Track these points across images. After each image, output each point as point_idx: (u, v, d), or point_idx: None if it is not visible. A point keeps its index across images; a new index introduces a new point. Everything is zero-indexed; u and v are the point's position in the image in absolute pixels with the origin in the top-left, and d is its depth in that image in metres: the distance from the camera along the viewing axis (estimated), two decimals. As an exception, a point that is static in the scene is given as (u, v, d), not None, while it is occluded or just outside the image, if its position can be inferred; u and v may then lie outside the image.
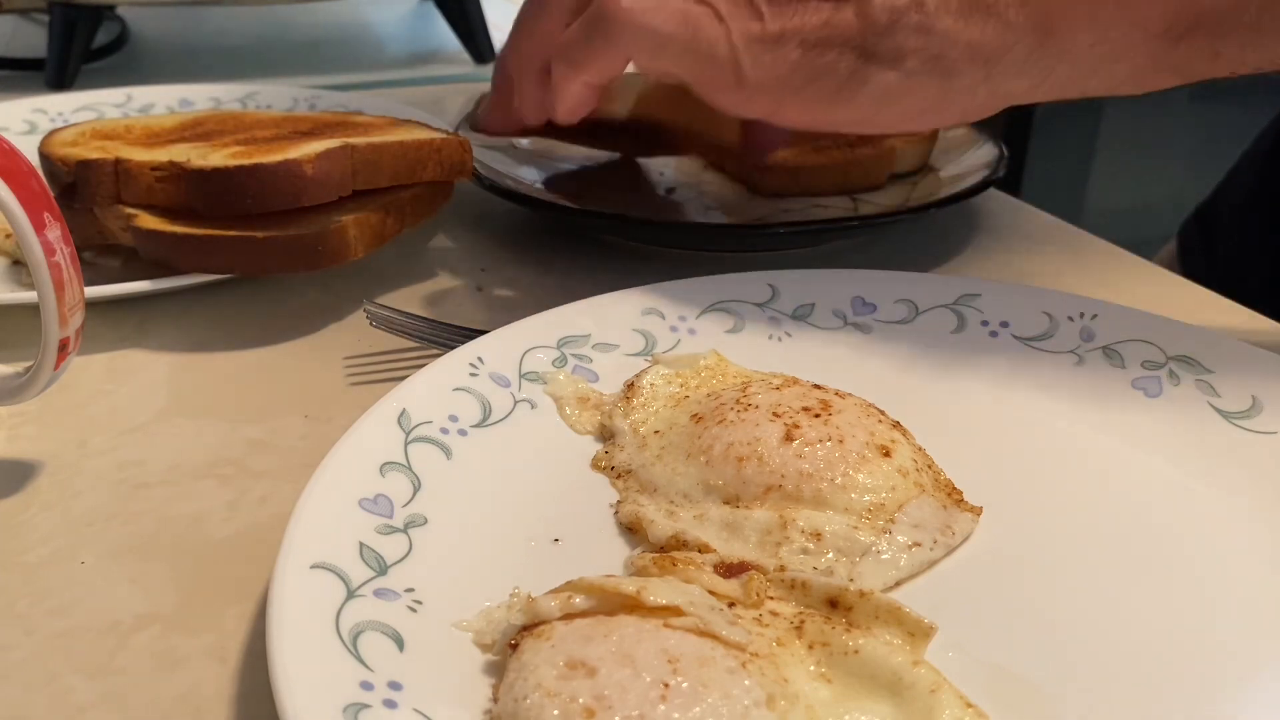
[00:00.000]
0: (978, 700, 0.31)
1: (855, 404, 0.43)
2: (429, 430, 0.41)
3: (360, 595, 0.33)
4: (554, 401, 0.45)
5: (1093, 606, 0.36)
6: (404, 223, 0.60)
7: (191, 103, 0.82)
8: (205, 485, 0.44)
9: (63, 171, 0.58)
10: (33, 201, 0.39)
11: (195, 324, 0.56)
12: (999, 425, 0.45)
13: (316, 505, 0.35)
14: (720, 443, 0.41)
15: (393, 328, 0.51)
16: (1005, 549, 0.39)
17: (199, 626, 0.37)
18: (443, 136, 0.61)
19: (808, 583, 0.35)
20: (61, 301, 0.40)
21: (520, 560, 0.37)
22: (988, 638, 0.34)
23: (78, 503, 0.43)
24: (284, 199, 0.54)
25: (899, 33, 0.47)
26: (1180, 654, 0.34)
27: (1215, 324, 0.48)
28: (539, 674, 0.30)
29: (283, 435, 0.47)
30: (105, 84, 0.86)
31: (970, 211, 0.69)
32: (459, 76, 1.01)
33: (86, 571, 0.39)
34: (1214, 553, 0.38)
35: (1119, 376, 0.47)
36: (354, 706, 0.29)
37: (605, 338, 0.48)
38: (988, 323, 0.50)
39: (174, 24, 1.17)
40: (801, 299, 0.51)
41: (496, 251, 0.65)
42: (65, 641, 0.36)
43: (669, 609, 0.32)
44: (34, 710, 0.33)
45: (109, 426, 0.48)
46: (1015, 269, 0.63)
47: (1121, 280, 0.62)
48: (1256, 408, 0.44)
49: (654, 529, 0.38)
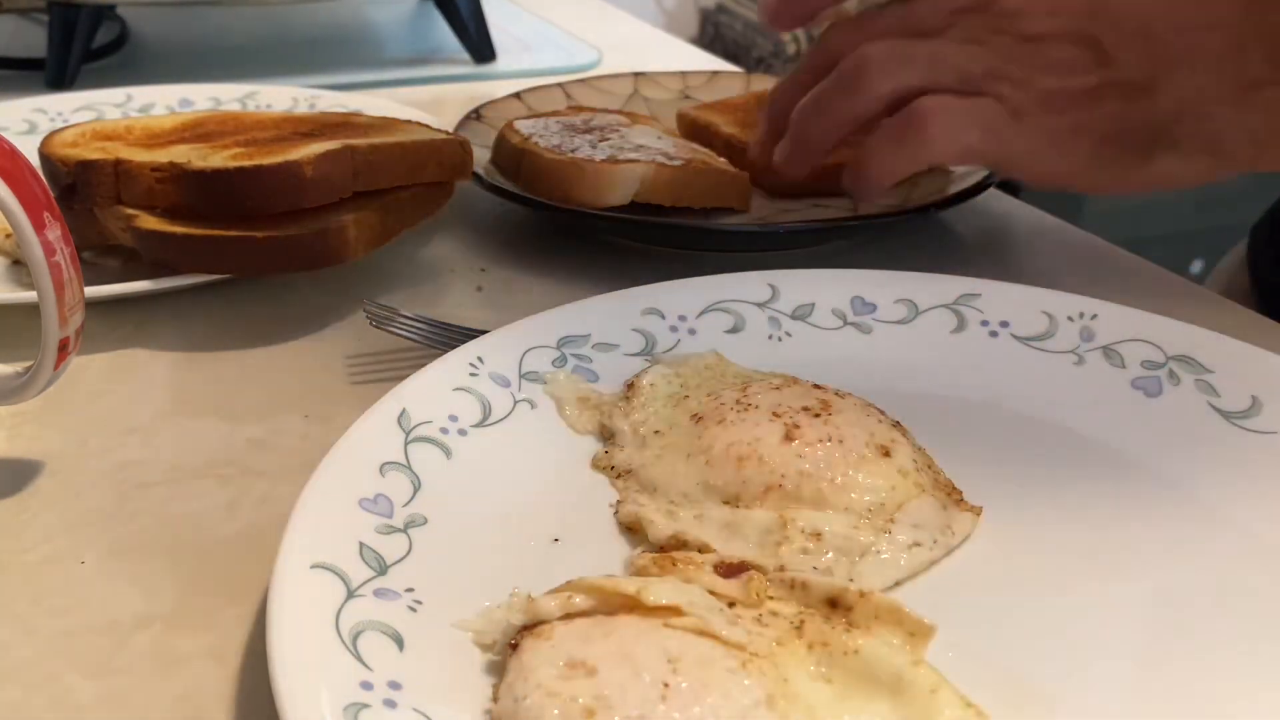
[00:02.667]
0: (978, 700, 0.31)
1: (855, 404, 0.43)
2: (429, 430, 0.41)
3: (360, 595, 0.33)
4: (554, 401, 0.45)
5: (1093, 606, 0.36)
6: (404, 223, 0.60)
7: (191, 103, 0.82)
8: (205, 485, 0.44)
9: (63, 172, 0.58)
10: (33, 201, 0.39)
11: (195, 324, 0.56)
12: (999, 425, 0.45)
13: (316, 505, 0.35)
14: (720, 442, 0.41)
15: (393, 328, 0.51)
16: (1005, 549, 0.39)
17: (199, 626, 0.37)
18: (443, 137, 0.61)
19: (808, 583, 0.35)
20: (61, 301, 0.40)
21: (520, 560, 0.37)
22: (988, 638, 0.34)
23: (78, 502, 0.43)
24: (284, 201, 0.54)
25: (1183, 123, 0.51)
26: (1180, 654, 0.34)
27: (1214, 324, 0.48)
28: (539, 674, 0.30)
29: (283, 435, 0.47)
30: (105, 84, 0.86)
31: (970, 211, 0.69)
32: (459, 76, 1.01)
33: (86, 571, 0.39)
34: (1214, 553, 0.38)
35: (1119, 376, 0.47)
36: (354, 706, 0.29)
37: (605, 338, 0.48)
38: (988, 323, 0.50)
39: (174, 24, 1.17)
40: (801, 299, 0.51)
41: (496, 251, 0.65)
42: (65, 641, 0.36)
43: (669, 609, 0.32)
44: (34, 710, 0.33)
45: (109, 426, 0.48)
46: (1015, 269, 0.63)
47: (1121, 280, 0.62)
48: (1256, 408, 0.44)
49: (654, 529, 0.38)
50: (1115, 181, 0.54)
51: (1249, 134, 0.52)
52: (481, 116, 0.74)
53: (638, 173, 0.61)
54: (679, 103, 0.80)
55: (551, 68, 1.01)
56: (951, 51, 0.54)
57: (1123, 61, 0.52)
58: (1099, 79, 0.52)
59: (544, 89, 0.80)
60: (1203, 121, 0.51)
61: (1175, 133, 0.52)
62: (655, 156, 0.62)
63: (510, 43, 1.09)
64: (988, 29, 0.54)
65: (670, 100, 0.82)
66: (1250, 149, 0.52)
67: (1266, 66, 0.51)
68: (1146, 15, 0.52)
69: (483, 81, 1.00)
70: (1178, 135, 0.52)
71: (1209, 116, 0.51)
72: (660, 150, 0.64)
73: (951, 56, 0.53)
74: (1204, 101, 0.51)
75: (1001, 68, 0.53)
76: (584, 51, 1.07)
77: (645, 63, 0.94)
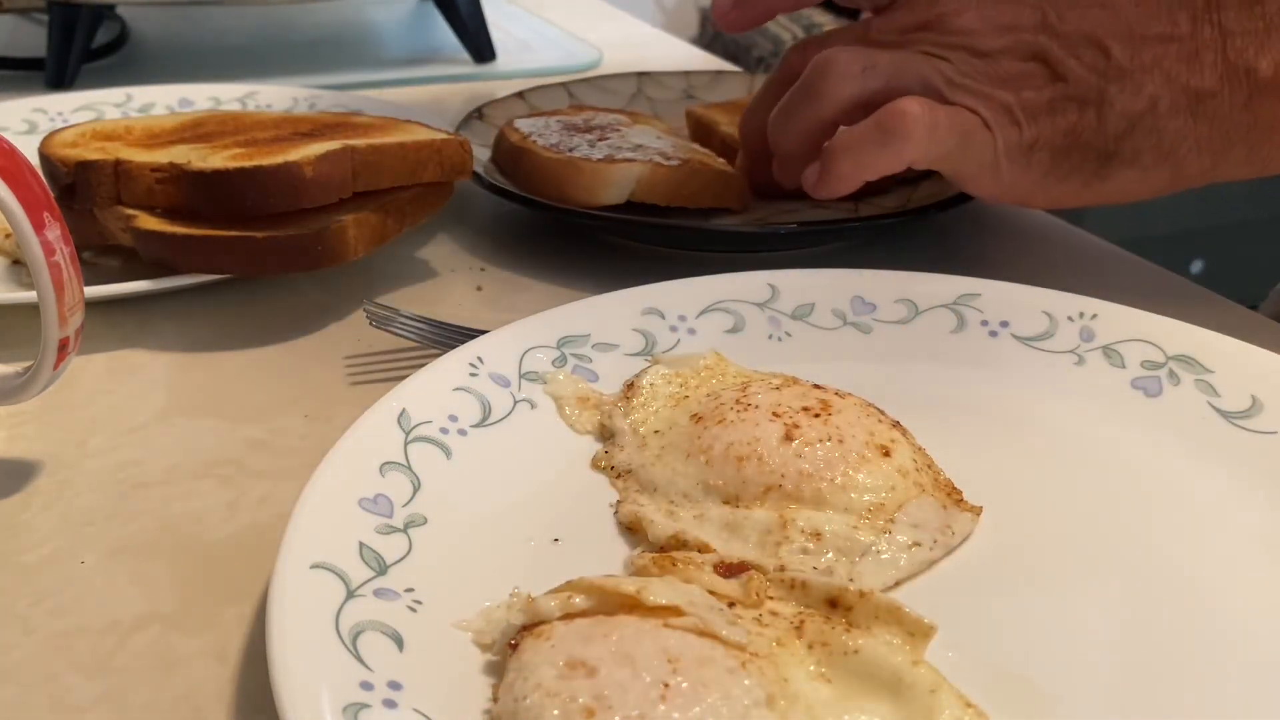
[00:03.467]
0: (978, 700, 0.31)
1: (855, 404, 0.43)
2: (429, 430, 0.41)
3: (360, 595, 0.33)
4: (554, 401, 0.45)
5: (1092, 606, 0.36)
6: (404, 223, 0.60)
7: (191, 102, 0.82)
8: (205, 485, 0.44)
9: (63, 172, 0.58)
10: (33, 201, 0.39)
11: (195, 324, 0.56)
12: (999, 425, 0.45)
13: (316, 505, 0.35)
14: (720, 442, 0.41)
15: (393, 328, 0.51)
16: (1005, 549, 0.39)
17: (199, 626, 0.37)
18: (443, 137, 0.61)
19: (808, 582, 0.35)
20: (61, 301, 0.40)
21: (520, 560, 0.37)
22: (988, 638, 0.34)
23: (78, 503, 0.43)
24: (284, 201, 0.54)
25: (1136, 135, 0.52)
26: (1180, 654, 0.34)
27: (1214, 323, 0.48)
28: (539, 674, 0.30)
29: (283, 435, 0.47)
30: (105, 84, 0.86)
31: (970, 212, 0.69)
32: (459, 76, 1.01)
33: (86, 571, 0.39)
34: (1214, 553, 0.38)
35: (1119, 376, 0.47)
36: (354, 706, 0.29)
37: (605, 338, 0.48)
38: (987, 322, 0.50)
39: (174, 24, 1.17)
40: (801, 299, 0.51)
41: (496, 251, 0.65)
42: (65, 641, 0.36)
43: (669, 609, 0.32)
44: (34, 710, 0.33)
45: (109, 426, 0.48)
46: (1015, 269, 0.63)
47: (1121, 280, 0.62)
48: (1256, 408, 0.44)
49: (654, 529, 0.38)
50: (1073, 195, 0.54)
51: (1201, 144, 0.52)
52: (484, 115, 0.74)
53: (634, 172, 0.61)
54: (682, 102, 0.80)
55: (551, 68, 1.01)
56: (914, 60, 0.54)
57: (1074, 76, 0.52)
58: (1052, 93, 0.53)
59: (547, 88, 0.80)
60: (1156, 134, 0.52)
61: (1129, 145, 0.52)
62: (652, 156, 0.62)
63: (510, 43, 1.09)
64: (941, 45, 0.54)
65: (674, 100, 0.82)
66: (1204, 159, 0.53)
67: (1215, 77, 0.51)
68: (1096, 28, 0.52)
69: (483, 81, 1.00)
70: (1132, 148, 0.52)
71: (1161, 129, 0.52)
72: (658, 150, 0.64)
73: (914, 65, 0.54)
74: (1156, 113, 0.52)
75: (961, 80, 0.53)
76: (584, 51, 1.07)
77: (645, 63, 0.94)
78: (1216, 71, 0.51)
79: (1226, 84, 0.51)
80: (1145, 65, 0.52)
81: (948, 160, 0.54)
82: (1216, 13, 0.51)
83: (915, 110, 0.52)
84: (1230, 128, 0.52)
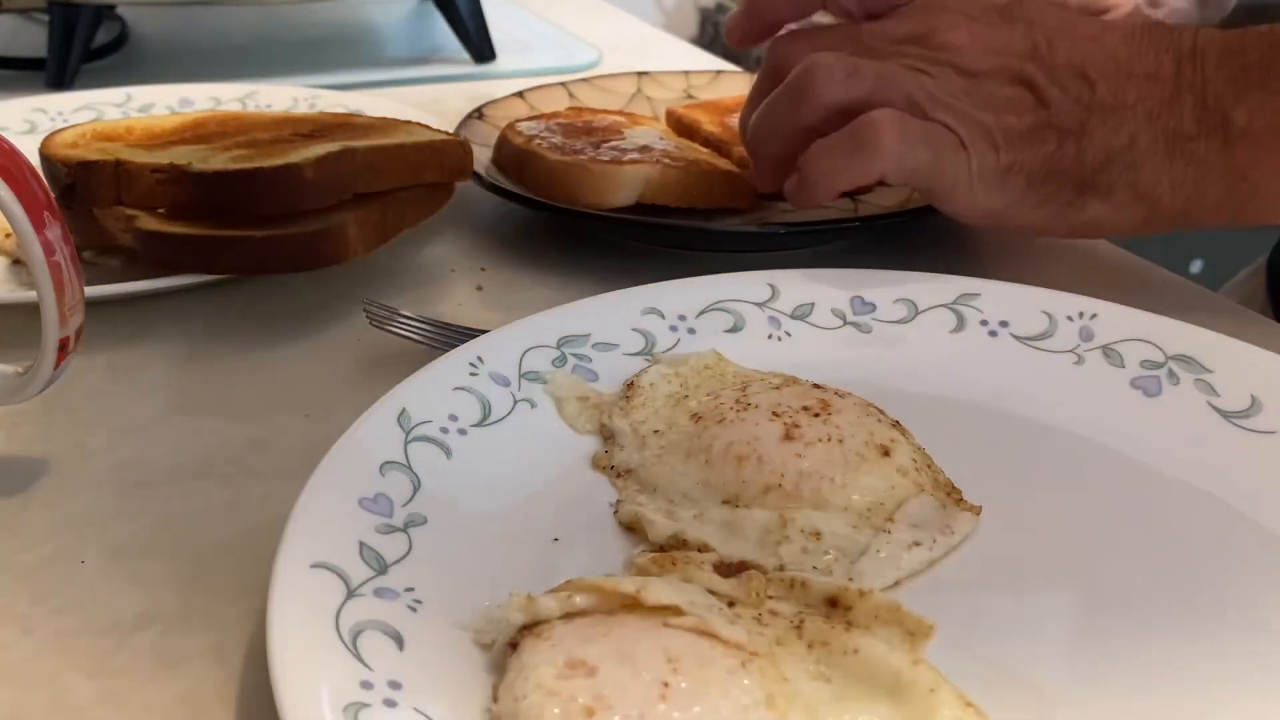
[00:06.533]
0: (977, 699, 0.31)
1: (855, 403, 0.43)
2: (429, 429, 0.41)
3: (360, 595, 0.33)
4: (554, 401, 0.45)
5: (1092, 606, 0.36)
6: (404, 223, 0.60)
7: (191, 102, 0.82)
8: (205, 485, 0.44)
9: (63, 172, 0.58)
10: (33, 201, 0.39)
11: (195, 324, 0.56)
12: (999, 425, 0.45)
13: (316, 505, 0.35)
14: (720, 442, 0.41)
15: (393, 328, 0.51)
16: (1005, 549, 0.39)
17: (199, 626, 0.37)
18: (443, 138, 0.61)
19: (807, 582, 0.35)
20: (61, 301, 0.40)
21: (520, 560, 0.37)
22: (988, 638, 0.35)
23: (78, 502, 0.43)
24: (284, 203, 0.54)
25: (1113, 169, 0.52)
26: (1179, 654, 0.34)
27: (1213, 323, 0.48)
28: (539, 673, 0.30)
29: (283, 435, 0.47)
30: (105, 84, 0.86)
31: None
32: (459, 76, 1.01)
33: (86, 571, 0.39)
34: (1213, 553, 0.38)
35: (1118, 376, 0.47)
36: (354, 706, 0.29)
37: (605, 337, 0.48)
38: (987, 322, 0.50)
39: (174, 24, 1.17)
40: (801, 299, 0.51)
41: (496, 251, 0.65)
42: (65, 641, 0.36)
43: (669, 608, 0.32)
44: (34, 710, 0.33)
45: (109, 426, 0.48)
46: (1015, 269, 0.63)
47: (1121, 280, 0.62)
48: (1256, 408, 0.44)
49: (654, 528, 0.38)
50: (1046, 224, 0.54)
51: (1177, 186, 0.52)
52: (484, 115, 0.74)
53: (643, 174, 0.61)
54: (683, 102, 0.80)
55: (551, 67, 1.01)
56: (898, 73, 0.54)
57: (1058, 105, 0.52)
58: (1035, 120, 0.53)
59: (547, 88, 0.80)
60: (1133, 169, 0.52)
61: (1105, 179, 0.52)
62: (659, 158, 0.63)
63: (510, 43, 1.09)
64: (928, 60, 0.54)
65: (674, 100, 0.82)
66: (1177, 201, 0.52)
67: (1195, 120, 0.51)
68: (1084, 62, 0.52)
69: (483, 81, 1.00)
70: (1108, 181, 0.52)
71: (1139, 166, 0.52)
72: (663, 152, 0.64)
73: (898, 78, 0.53)
74: (1135, 151, 0.52)
75: (943, 98, 0.53)
76: (584, 51, 1.07)
77: (645, 62, 0.94)
78: (1195, 116, 0.51)
79: (1204, 129, 0.51)
80: (1128, 103, 0.52)
81: (919, 175, 0.53)
82: (1200, 58, 0.52)
83: (888, 122, 0.51)
84: (1206, 172, 0.52)
